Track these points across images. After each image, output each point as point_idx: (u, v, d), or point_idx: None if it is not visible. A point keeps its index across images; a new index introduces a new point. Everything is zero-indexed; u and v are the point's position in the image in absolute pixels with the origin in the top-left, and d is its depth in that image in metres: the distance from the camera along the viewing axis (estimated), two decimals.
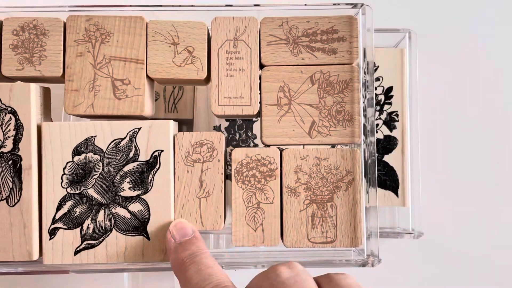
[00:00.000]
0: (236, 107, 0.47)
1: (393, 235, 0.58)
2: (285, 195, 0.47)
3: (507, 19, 0.64)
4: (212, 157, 0.46)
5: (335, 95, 0.47)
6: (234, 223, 0.47)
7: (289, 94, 0.47)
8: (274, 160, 0.47)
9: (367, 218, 0.46)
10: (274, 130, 0.47)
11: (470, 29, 0.63)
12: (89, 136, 0.46)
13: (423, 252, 0.62)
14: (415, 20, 0.63)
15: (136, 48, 0.46)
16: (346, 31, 0.47)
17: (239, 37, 0.47)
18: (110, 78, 0.46)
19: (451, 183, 0.62)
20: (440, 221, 0.62)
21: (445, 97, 0.63)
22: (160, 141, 0.46)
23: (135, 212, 0.46)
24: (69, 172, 0.45)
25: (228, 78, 0.47)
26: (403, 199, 0.57)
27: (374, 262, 0.47)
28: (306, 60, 0.47)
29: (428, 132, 0.62)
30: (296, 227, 0.47)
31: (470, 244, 0.62)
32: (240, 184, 0.47)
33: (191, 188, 0.46)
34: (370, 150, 0.46)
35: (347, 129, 0.47)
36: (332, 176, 0.47)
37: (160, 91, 0.59)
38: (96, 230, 0.45)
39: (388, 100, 0.58)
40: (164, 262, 0.46)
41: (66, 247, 0.45)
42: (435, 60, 0.63)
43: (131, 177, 0.46)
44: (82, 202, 0.45)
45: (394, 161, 0.57)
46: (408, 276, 0.62)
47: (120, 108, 0.46)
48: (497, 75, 0.63)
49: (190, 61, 0.46)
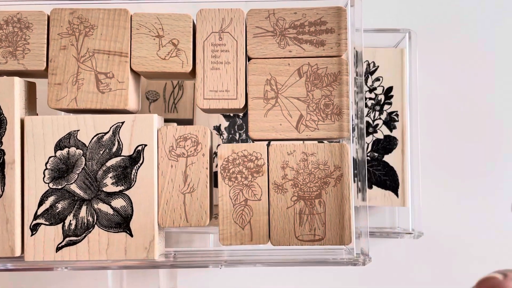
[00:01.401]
0: (221, 100, 0.46)
1: (393, 235, 0.58)
2: (271, 192, 0.45)
3: (507, 19, 0.63)
4: (197, 151, 0.45)
5: (323, 88, 0.45)
6: (221, 221, 0.45)
7: (276, 87, 0.46)
8: (261, 156, 0.45)
9: (357, 215, 0.45)
10: (260, 124, 0.46)
11: (470, 29, 0.63)
12: (72, 131, 0.45)
13: (423, 252, 0.61)
14: (415, 20, 0.63)
15: (120, 41, 0.45)
16: (334, 23, 0.45)
17: (224, 29, 0.46)
18: (93, 71, 0.45)
19: (451, 183, 0.62)
20: (440, 221, 0.61)
21: (445, 97, 0.62)
22: (144, 136, 0.45)
23: (118, 208, 0.45)
24: (52, 167, 0.45)
25: (214, 71, 0.45)
26: (403, 199, 0.57)
27: (365, 261, 0.45)
28: (294, 52, 0.46)
29: (428, 132, 0.61)
30: (283, 225, 0.45)
31: (470, 244, 0.61)
32: (227, 181, 0.45)
33: (175, 183, 0.45)
34: (362, 145, 0.45)
35: (336, 123, 0.45)
36: (320, 172, 0.45)
37: (160, 91, 0.58)
38: (78, 226, 0.45)
39: (388, 100, 0.57)
40: (147, 259, 0.44)
41: (47, 244, 0.45)
42: (435, 60, 0.62)
43: (114, 172, 0.45)
44: (64, 197, 0.45)
45: (394, 161, 0.57)
46: (408, 276, 0.61)
47: (104, 102, 0.45)
48: (497, 75, 0.62)
49: (174, 54, 0.45)
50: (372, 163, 0.57)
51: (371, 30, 0.57)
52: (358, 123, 0.45)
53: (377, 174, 0.57)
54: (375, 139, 0.57)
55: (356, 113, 0.45)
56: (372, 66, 0.57)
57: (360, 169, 0.45)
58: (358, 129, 0.45)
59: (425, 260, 0.61)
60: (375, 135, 0.57)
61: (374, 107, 0.57)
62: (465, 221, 0.61)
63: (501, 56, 0.62)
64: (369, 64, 0.57)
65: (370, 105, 0.57)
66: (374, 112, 0.57)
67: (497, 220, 0.61)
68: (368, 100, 0.57)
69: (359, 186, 0.45)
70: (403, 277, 0.60)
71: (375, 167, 0.57)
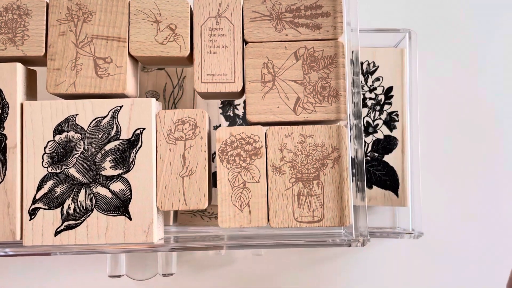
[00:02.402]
0: (219, 84, 0.46)
1: (393, 235, 0.57)
2: (270, 174, 0.45)
3: (507, 19, 0.63)
4: (195, 134, 0.45)
5: (320, 70, 0.46)
6: (220, 203, 0.45)
7: (273, 70, 0.46)
8: (259, 138, 0.46)
9: (355, 195, 0.45)
10: (258, 107, 0.46)
11: (470, 29, 0.63)
12: (70, 115, 0.45)
13: (423, 252, 0.60)
14: (415, 20, 0.63)
15: (118, 26, 0.46)
16: (329, 6, 0.46)
17: (221, 14, 0.46)
18: (92, 56, 0.46)
19: (451, 183, 0.61)
20: (440, 221, 0.61)
21: (445, 97, 0.62)
22: (142, 119, 0.45)
23: (117, 192, 0.45)
24: (50, 151, 0.45)
25: (211, 55, 0.46)
26: (403, 199, 0.56)
27: (365, 241, 0.45)
28: (290, 36, 0.46)
29: (428, 132, 0.61)
30: (282, 206, 0.45)
31: (470, 244, 0.60)
32: (225, 163, 0.46)
33: (173, 167, 0.45)
34: (359, 126, 0.45)
35: (333, 105, 0.46)
36: (318, 154, 0.45)
37: (160, 91, 0.59)
38: (77, 210, 0.45)
39: (388, 100, 0.57)
40: (146, 242, 0.44)
41: (46, 228, 0.44)
42: (435, 60, 0.62)
43: (112, 156, 0.45)
44: (63, 181, 0.45)
45: (394, 161, 0.57)
46: (408, 276, 0.60)
47: (102, 87, 0.45)
48: (497, 75, 0.62)
49: (172, 38, 0.46)
50: (372, 163, 0.57)
51: (371, 30, 0.57)
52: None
53: (377, 174, 0.57)
54: (375, 139, 0.57)
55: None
56: (372, 66, 0.57)
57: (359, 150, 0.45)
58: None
59: (425, 260, 0.60)
60: (375, 135, 0.57)
61: (374, 107, 0.57)
62: (465, 221, 0.60)
63: (501, 56, 0.62)
64: (369, 64, 0.57)
65: (370, 105, 0.57)
66: (374, 112, 0.57)
67: (497, 220, 0.60)
68: (368, 100, 0.57)
69: (355, 171, 0.45)
70: (403, 277, 0.60)
71: (375, 167, 0.57)
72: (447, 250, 0.60)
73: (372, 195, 0.56)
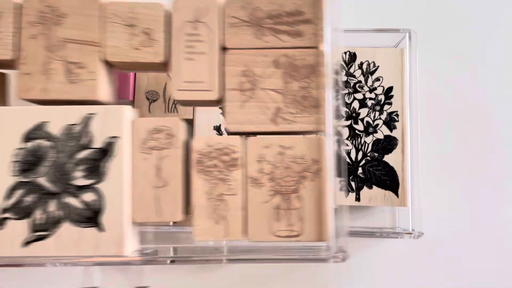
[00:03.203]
0: (196, 92, 0.44)
1: (393, 235, 0.58)
2: (248, 186, 0.44)
3: (507, 19, 0.63)
4: (171, 144, 0.44)
5: (301, 80, 0.44)
6: (196, 216, 0.44)
7: (253, 78, 0.44)
8: (237, 149, 0.44)
9: (335, 212, 0.44)
10: (237, 116, 0.44)
11: (470, 29, 0.63)
12: (41, 122, 0.43)
13: (423, 252, 0.61)
14: (415, 20, 0.63)
15: (92, 30, 0.44)
16: (311, 13, 0.44)
17: (200, 19, 0.44)
18: (64, 61, 0.44)
19: (451, 183, 0.62)
20: (440, 221, 0.61)
21: (445, 97, 0.62)
22: (116, 127, 0.43)
23: (89, 202, 0.43)
24: (20, 159, 0.43)
25: (188, 62, 0.44)
26: (403, 199, 0.57)
27: (345, 257, 0.44)
28: (271, 43, 0.44)
29: (428, 132, 0.61)
30: (260, 220, 0.44)
31: (470, 244, 0.61)
32: (202, 174, 0.44)
33: (148, 177, 0.44)
34: (338, 137, 0.44)
35: (314, 116, 0.44)
36: (298, 166, 0.44)
37: (160, 91, 0.57)
38: (48, 221, 0.43)
39: (388, 100, 0.57)
40: (118, 255, 0.43)
41: (15, 239, 0.43)
42: (435, 60, 0.62)
43: (84, 165, 0.43)
44: (32, 191, 0.43)
45: (394, 161, 0.57)
46: (408, 276, 0.60)
47: (73, 93, 0.44)
48: (497, 75, 0.62)
49: (147, 43, 0.44)
50: (372, 163, 0.57)
51: (371, 30, 0.57)
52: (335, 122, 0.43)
53: (377, 174, 0.57)
54: (375, 139, 0.57)
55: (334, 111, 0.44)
56: (372, 66, 0.57)
57: (340, 164, 0.44)
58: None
59: (425, 260, 0.60)
60: (375, 135, 0.57)
61: (374, 107, 0.57)
62: (465, 221, 0.61)
63: (501, 56, 0.62)
64: (369, 64, 0.57)
65: (370, 105, 0.57)
66: (374, 112, 0.57)
67: (497, 220, 0.60)
68: (368, 100, 0.57)
69: (340, 182, 0.44)
70: (403, 277, 0.60)
71: (375, 167, 0.57)
72: (447, 250, 0.60)
73: (372, 195, 0.57)
